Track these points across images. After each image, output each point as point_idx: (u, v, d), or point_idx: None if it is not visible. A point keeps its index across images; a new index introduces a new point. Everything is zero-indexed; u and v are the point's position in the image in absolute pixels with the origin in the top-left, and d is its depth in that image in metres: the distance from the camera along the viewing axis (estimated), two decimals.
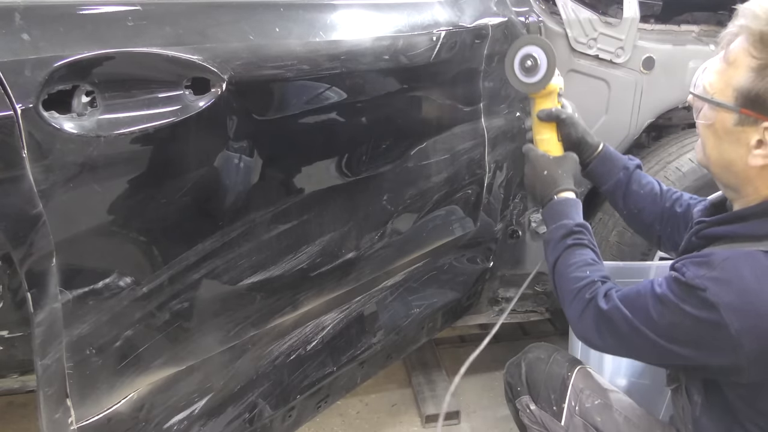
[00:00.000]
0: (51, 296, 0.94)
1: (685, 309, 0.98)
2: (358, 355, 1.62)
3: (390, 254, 1.58)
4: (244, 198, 1.18)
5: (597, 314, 1.11)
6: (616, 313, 1.07)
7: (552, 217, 1.28)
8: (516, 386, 1.44)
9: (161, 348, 1.14)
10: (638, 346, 1.07)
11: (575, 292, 1.16)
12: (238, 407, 1.34)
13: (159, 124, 0.99)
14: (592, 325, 1.12)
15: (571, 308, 1.17)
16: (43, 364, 0.96)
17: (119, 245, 1.04)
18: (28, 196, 0.87)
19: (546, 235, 1.29)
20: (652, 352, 1.06)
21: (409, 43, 1.36)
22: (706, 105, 1.02)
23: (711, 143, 1.04)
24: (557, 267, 1.22)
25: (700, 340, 0.99)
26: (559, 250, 1.23)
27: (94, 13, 0.98)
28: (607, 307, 1.09)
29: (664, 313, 1.01)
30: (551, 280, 1.25)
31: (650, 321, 1.03)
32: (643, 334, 1.04)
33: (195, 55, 1.02)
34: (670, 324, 1.01)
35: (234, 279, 1.22)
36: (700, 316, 0.96)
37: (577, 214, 1.27)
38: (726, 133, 0.99)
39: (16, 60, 0.85)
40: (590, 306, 1.12)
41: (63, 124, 0.90)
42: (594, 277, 1.16)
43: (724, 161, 1.03)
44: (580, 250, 1.21)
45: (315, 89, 1.23)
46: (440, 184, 1.61)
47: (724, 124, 0.99)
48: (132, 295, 1.06)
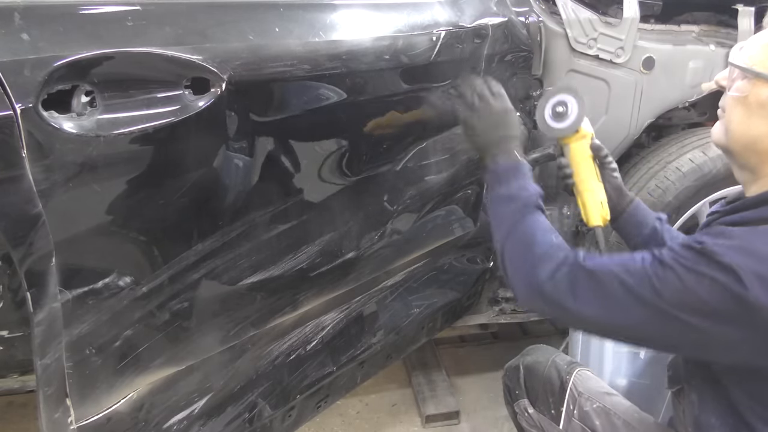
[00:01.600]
0: (50, 296, 0.94)
1: (700, 270, 0.90)
2: (358, 355, 1.62)
3: (390, 254, 1.58)
4: (243, 198, 1.18)
5: (577, 273, 1.01)
6: (606, 274, 0.98)
7: (508, 177, 1.20)
8: (514, 389, 1.42)
9: (161, 348, 1.14)
10: (629, 312, 0.96)
11: (545, 251, 1.06)
12: (238, 407, 1.34)
13: (158, 124, 0.99)
14: (566, 286, 1.01)
15: (538, 269, 1.05)
16: (42, 364, 0.96)
17: (119, 245, 1.04)
18: (28, 195, 0.87)
19: (503, 192, 1.19)
20: (648, 320, 0.95)
21: (409, 43, 1.36)
22: (741, 77, 1.00)
23: (738, 117, 1.01)
24: (519, 228, 1.12)
25: (711, 307, 0.90)
26: (523, 212, 1.14)
27: (93, 13, 0.98)
28: (593, 266, 1.00)
29: (669, 278, 0.93)
30: (504, 240, 1.13)
31: (652, 284, 0.94)
32: (642, 298, 0.94)
33: (194, 55, 1.02)
34: (677, 288, 0.92)
35: (233, 279, 1.22)
36: (717, 278, 0.89)
37: (531, 179, 1.21)
38: (759, 106, 0.97)
39: (16, 60, 0.85)
40: (567, 265, 1.02)
41: (62, 124, 0.90)
42: (562, 241, 1.09)
43: (749, 137, 1.00)
44: (543, 217, 1.15)
45: (314, 89, 1.22)
46: (440, 184, 1.61)
47: (759, 97, 0.97)
48: (131, 295, 1.06)
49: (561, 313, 1.05)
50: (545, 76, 1.85)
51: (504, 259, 1.13)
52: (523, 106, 1.78)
